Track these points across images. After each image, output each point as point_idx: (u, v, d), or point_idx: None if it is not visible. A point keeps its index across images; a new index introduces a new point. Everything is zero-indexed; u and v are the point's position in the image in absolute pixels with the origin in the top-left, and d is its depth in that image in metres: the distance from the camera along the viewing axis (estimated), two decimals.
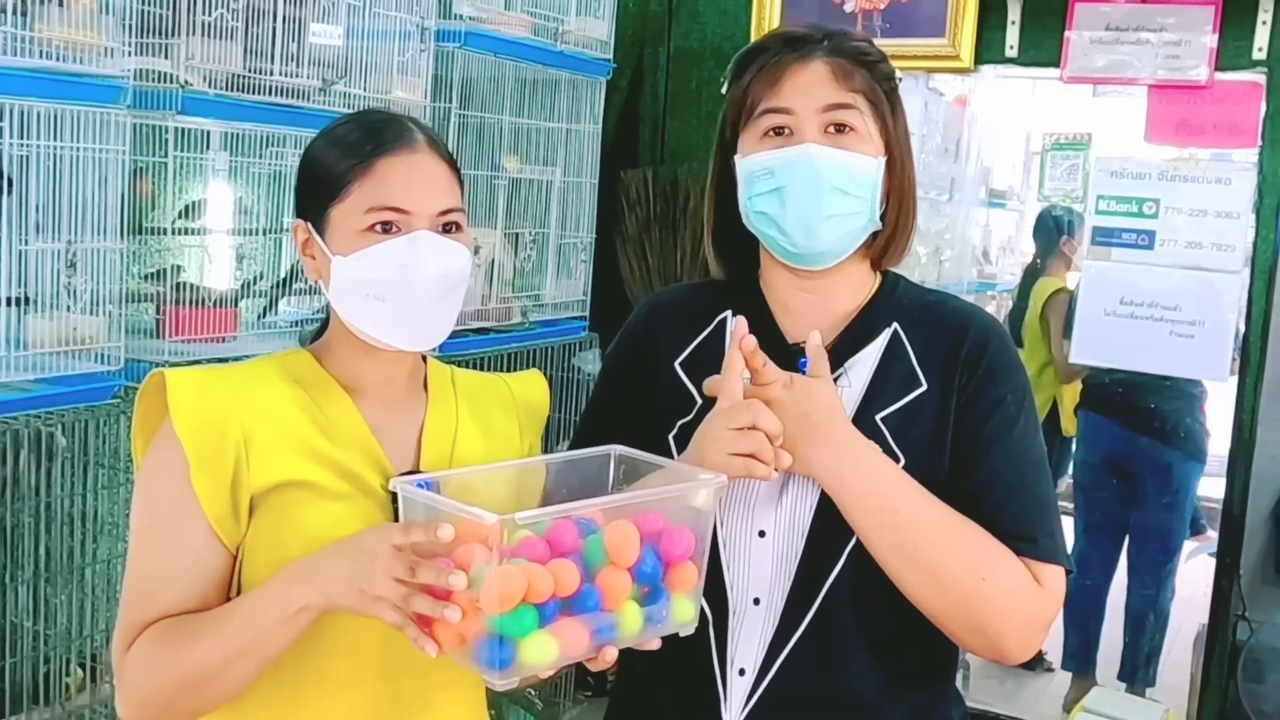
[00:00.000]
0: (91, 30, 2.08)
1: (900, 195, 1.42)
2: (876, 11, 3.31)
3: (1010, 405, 1.37)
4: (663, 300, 1.58)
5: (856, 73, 1.38)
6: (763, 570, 1.37)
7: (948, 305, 1.47)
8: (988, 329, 1.42)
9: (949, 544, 1.30)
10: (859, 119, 1.37)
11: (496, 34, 2.98)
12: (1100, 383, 3.78)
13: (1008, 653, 1.33)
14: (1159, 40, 3.04)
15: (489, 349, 3.07)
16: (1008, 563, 1.31)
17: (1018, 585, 1.31)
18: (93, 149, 2.14)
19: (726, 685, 1.38)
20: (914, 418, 1.37)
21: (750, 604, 1.38)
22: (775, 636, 1.36)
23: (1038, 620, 1.33)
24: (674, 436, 1.43)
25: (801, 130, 1.36)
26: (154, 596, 1.26)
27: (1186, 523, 3.79)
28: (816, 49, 1.38)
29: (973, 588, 1.29)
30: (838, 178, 1.36)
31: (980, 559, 1.30)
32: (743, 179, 1.41)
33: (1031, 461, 1.37)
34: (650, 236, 3.64)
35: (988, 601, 1.30)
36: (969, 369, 1.38)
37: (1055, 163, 4.09)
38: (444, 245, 1.31)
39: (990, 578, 1.30)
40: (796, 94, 1.37)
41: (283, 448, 1.29)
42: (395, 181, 1.29)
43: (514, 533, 1.12)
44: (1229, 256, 3.02)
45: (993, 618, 1.30)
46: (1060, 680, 3.86)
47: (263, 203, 2.63)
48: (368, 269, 1.29)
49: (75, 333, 2.15)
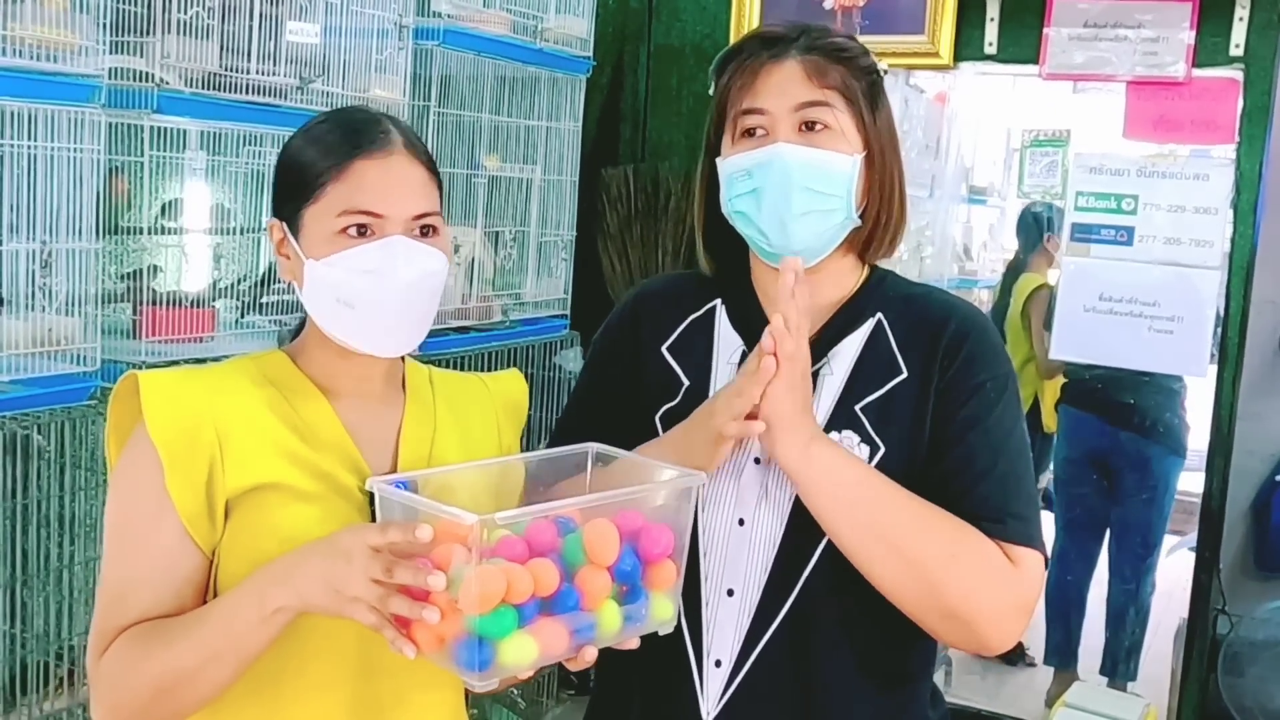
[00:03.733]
0: (66, 29, 2.06)
1: (882, 190, 1.42)
2: (856, 9, 3.31)
3: (989, 390, 1.37)
4: (651, 288, 1.59)
5: (832, 69, 1.37)
6: (738, 560, 1.37)
7: (932, 297, 1.47)
8: (970, 319, 1.43)
9: (915, 525, 1.29)
10: (832, 116, 1.37)
11: (475, 31, 2.97)
12: (1080, 378, 3.79)
13: (985, 638, 1.31)
14: (1137, 37, 3.05)
15: (469, 348, 3.06)
16: (978, 543, 1.30)
17: (989, 566, 1.29)
18: (68, 148, 2.12)
19: (703, 676, 1.38)
20: (894, 406, 1.38)
21: (725, 595, 1.38)
22: (751, 628, 1.37)
23: (1012, 603, 1.31)
24: (660, 419, 1.44)
25: (775, 130, 1.37)
26: (129, 601, 1.25)
27: (1167, 517, 3.81)
28: (791, 48, 1.38)
29: (941, 569, 1.28)
30: (809, 176, 1.36)
31: (948, 539, 1.29)
32: (723, 180, 1.42)
33: (1010, 448, 1.36)
34: (631, 234, 3.64)
35: (957, 583, 1.28)
36: (949, 357, 1.38)
37: (1035, 159, 4.10)
38: (418, 250, 1.29)
39: (960, 556, 1.29)
40: (770, 94, 1.37)
41: (258, 450, 1.28)
42: (370, 185, 1.28)
43: (493, 532, 1.11)
44: (1207, 252, 3.03)
45: (965, 600, 1.29)
46: (1042, 675, 3.88)
47: (240, 202, 2.61)
48: (339, 273, 1.27)
49: (51, 333, 2.13)
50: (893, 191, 1.43)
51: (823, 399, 1.39)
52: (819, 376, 1.40)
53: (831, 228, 1.39)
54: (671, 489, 1.25)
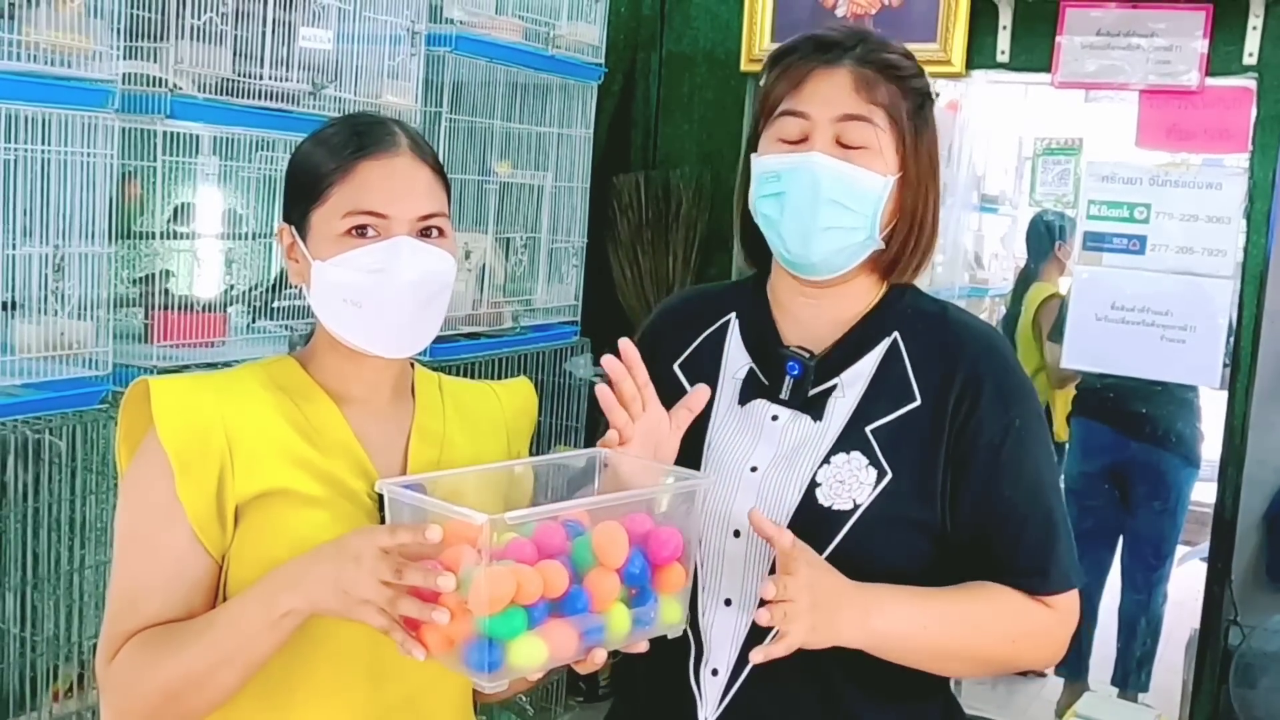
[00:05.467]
0: (80, 34, 2.07)
1: (914, 215, 1.39)
2: (868, 16, 3.31)
3: (1020, 430, 1.36)
4: (672, 304, 1.59)
5: (882, 85, 1.35)
6: (735, 571, 1.37)
7: (949, 317, 1.44)
8: (988, 349, 1.40)
9: (976, 632, 1.34)
10: (873, 133, 1.34)
11: (487, 38, 2.98)
12: (1092, 388, 3.78)
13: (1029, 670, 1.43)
14: (1150, 45, 3.04)
15: (480, 354, 3.07)
16: (1029, 616, 1.36)
17: (1041, 629, 1.37)
18: (81, 153, 2.13)
19: (700, 685, 1.38)
20: (905, 433, 1.35)
21: (722, 605, 1.37)
22: (748, 638, 1.35)
23: (1058, 643, 1.40)
24: None
25: (813, 136, 1.34)
26: (139, 606, 1.25)
27: (1180, 528, 3.79)
28: (845, 56, 1.35)
29: (1004, 653, 1.38)
30: (837, 190, 1.33)
31: (1006, 627, 1.35)
32: (754, 178, 1.40)
33: (1043, 484, 1.37)
34: (642, 241, 3.64)
35: (1019, 658, 1.41)
36: (967, 392, 1.35)
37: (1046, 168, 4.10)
38: (423, 250, 1.29)
39: (1019, 638, 1.36)
40: (815, 100, 1.35)
41: (268, 455, 1.28)
42: (374, 186, 1.28)
43: (502, 534, 1.11)
44: (1220, 261, 3.03)
45: (1022, 664, 1.44)
46: (1053, 685, 3.86)
47: (252, 207, 2.62)
48: (344, 274, 1.28)
49: (63, 337, 2.14)
50: (925, 217, 1.40)
51: (833, 420, 1.37)
52: (829, 398, 1.38)
53: (852, 246, 1.37)
54: (679, 493, 1.24)
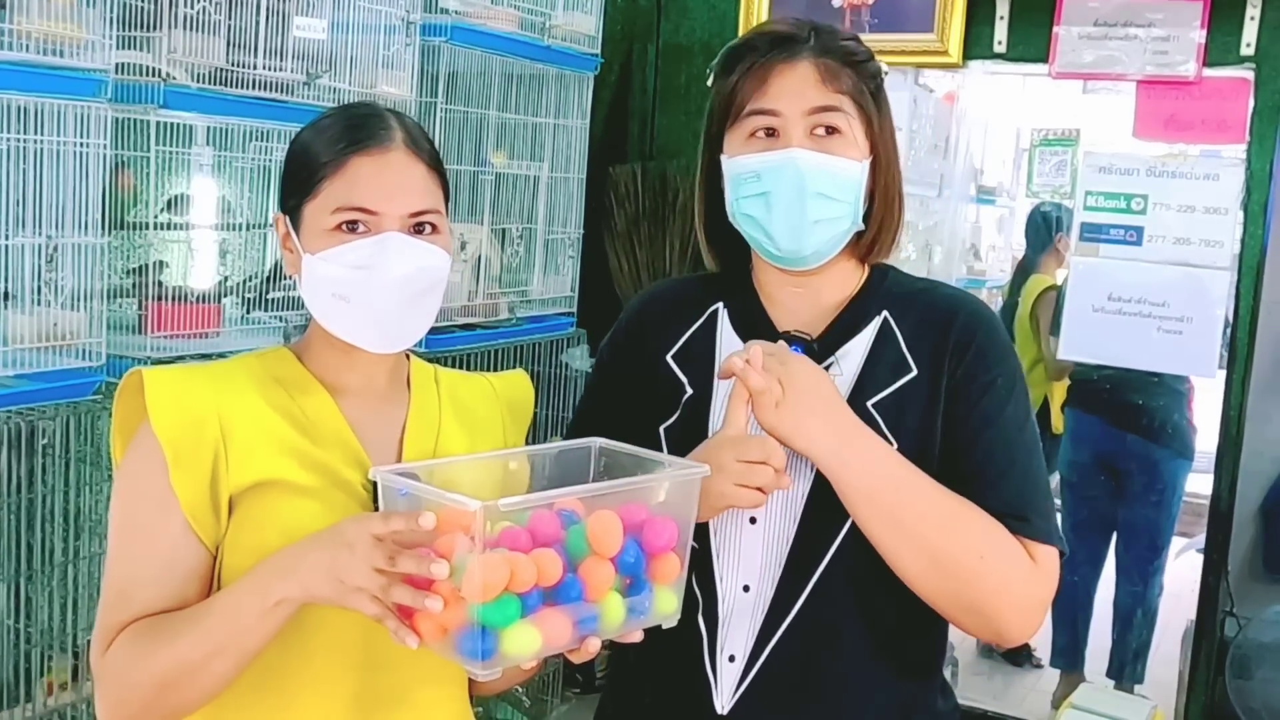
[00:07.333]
0: (72, 23, 2.06)
1: (885, 194, 1.42)
2: (865, 6, 3.31)
3: (1001, 388, 1.37)
4: (655, 294, 1.58)
5: (843, 73, 1.37)
6: (752, 557, 1.37)
7: (937, 292, 1.47)
8: (976, 314, 1.42)
9: (947, 523, 1.30)
10: (845, 121, 1.37)
11: (483, 28, 2.97)
12: (1088, 380, 3.78)
13: (1006, 633, 1.33)
14: (1147, 36, 3.04)
15: (476, 345, 3.06)
16: (1005, 541, 1.31)
17: (1015, 564, 1.31)
18: (74, 143, 2.12)
19: (716, 672, 1.38)
20: (905, 403, 1.37)
21: (740, 591, 1.38)
22: (765, 623, 1.36)
23: (1035, 599, 1.33)
24: (665, 429, 1.44)
25: (788, 133, 1.36)
26: (133, 596, 1.25)
27: (1174, 519, 3.79)
28: (804, 49, 1.37)
29: (971, 567, 1.29)
30: (823, 183, 1.35)
31: (978, 537, 1.30)
32: (730, 180, 1.41)
33: (1024, 442, 1.37)
34: (639, 232, 3.64)
35: (986, 580, 1.30)
36: (958, 354, 1.38)
37: (1044, 159, 4.09)
38: (413, 246, 1.29)
39: (988, 555, 1.30)
40: (784, 96, 1.36)
41: (262, 446, 1.28)
42: (365, 182, 1.28)
43: (496, 522, 1.11)
44: (1217, 252, 3.03)
45: (991, 596, 1.31)
46: (1049, 677, 3.86)
47: (246, 198, 2.61)
48: (333, 268, 1.28)
49: (56, 328, 2.13)
50: (895, 195, 1.43)
51: None
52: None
53: (839, 234, 1.40)
54: (675, 482, 1.24)
